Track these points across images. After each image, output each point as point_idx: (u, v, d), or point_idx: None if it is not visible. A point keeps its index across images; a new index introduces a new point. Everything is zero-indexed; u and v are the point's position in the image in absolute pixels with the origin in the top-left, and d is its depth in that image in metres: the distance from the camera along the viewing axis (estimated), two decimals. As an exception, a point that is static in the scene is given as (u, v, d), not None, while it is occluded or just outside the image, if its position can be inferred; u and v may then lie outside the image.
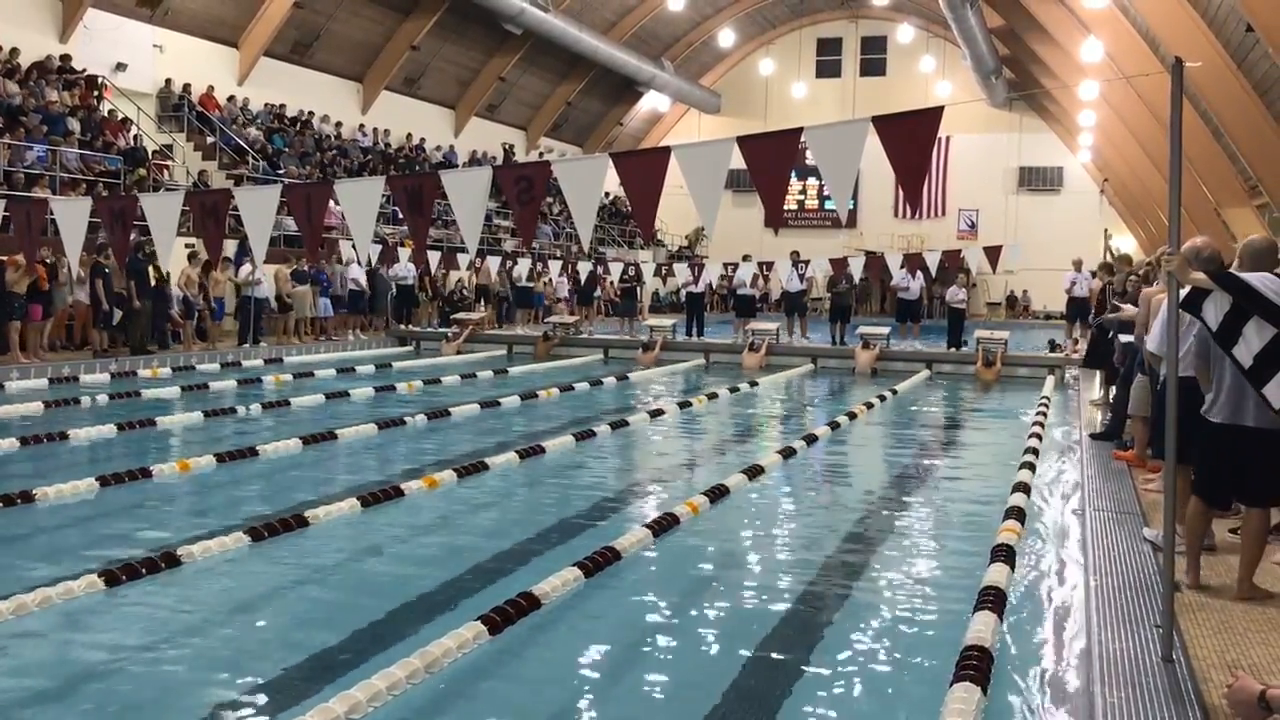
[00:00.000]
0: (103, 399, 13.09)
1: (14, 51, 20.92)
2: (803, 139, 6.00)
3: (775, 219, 37.27)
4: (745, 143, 6.13)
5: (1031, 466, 9.65)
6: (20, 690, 4.74)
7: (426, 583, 6.38)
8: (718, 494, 8.51)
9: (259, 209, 8.18)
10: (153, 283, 17.55)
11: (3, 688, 4.75)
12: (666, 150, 6.35)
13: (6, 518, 7.45)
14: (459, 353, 21.59)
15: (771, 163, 6.23)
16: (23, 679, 4.87)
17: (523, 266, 26.79)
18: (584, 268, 27.37)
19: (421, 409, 12.91)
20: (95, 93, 22.36)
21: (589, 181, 6.91)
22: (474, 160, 34.31)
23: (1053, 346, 21.27)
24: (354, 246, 19.68)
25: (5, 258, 15.06)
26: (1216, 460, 4.79)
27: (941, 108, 5.64)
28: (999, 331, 21.06)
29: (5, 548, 6.98)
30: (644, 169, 6.59)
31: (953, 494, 9.56)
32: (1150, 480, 8.15)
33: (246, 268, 19.29)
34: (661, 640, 5.64)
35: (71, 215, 8.97)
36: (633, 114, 44.67)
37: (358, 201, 7.78)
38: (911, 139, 5.77)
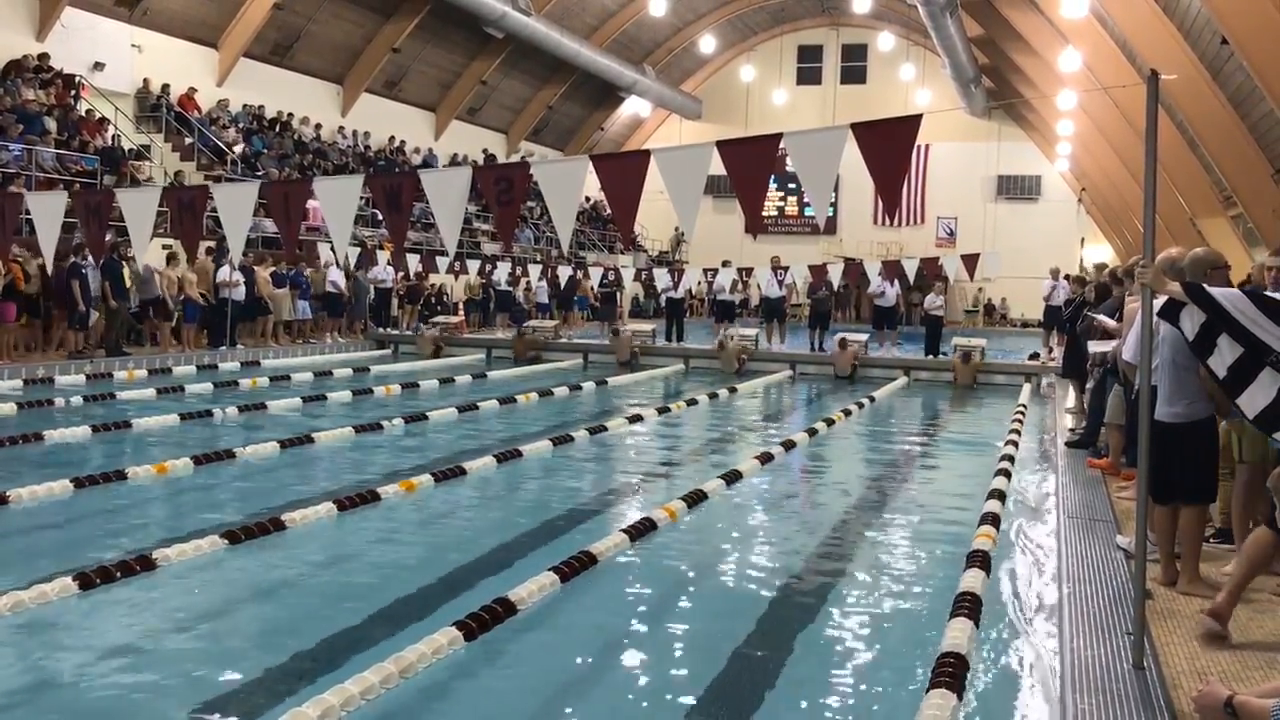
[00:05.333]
0: (78, 400, 12.99)
1: (-10, 49, 20.77)
2: (782, 145, 6.02)
3: (755, 225, 37.39)
4: (725, 147, 6.14)
5: (1007, 474, 9.70)
6: (-10, 694, 4.70)
7: (403, 587, 6.36)
8: (695, 499, 8.51)
9: (237, 207, 8.14)
10: (128, 284, 17.43)
11: (-28, 691, 4.71)
12: (646, 154, 6.36)
13: (-22, 519, 7.39)
14: (436, 354, 21.53)
15: (751, 168, 6.25)
16: (-7, 682, 4.82)
17: (502, 270, 26.74)
18: (564, 272, 27.37)
19: (399, 413, 12.87)
20: (72, 92, 22.19)
21: (569, 184, 6.91)
22: (454, 163, 34.23)
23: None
24: (332, 248, 19.61)
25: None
26: (1152, 456, 4.98)
27: (920, 115, 5.67)
28: (975, 339, 21.19)
29: (-24, 550, 6.92)
30: (624, 172, 6.61)
31: (929, 501, 9.60)
32: (1124, 488, 8.20)
33: (225, 269, 19.17)
34: (638, 646, 5.65)
35: (47, 212, 8.89)
36: (614, 119, 44.71)
37: (336, 201, 7.76)
38: (890, 146, 5.80)
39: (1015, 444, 11.51)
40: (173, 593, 6.12)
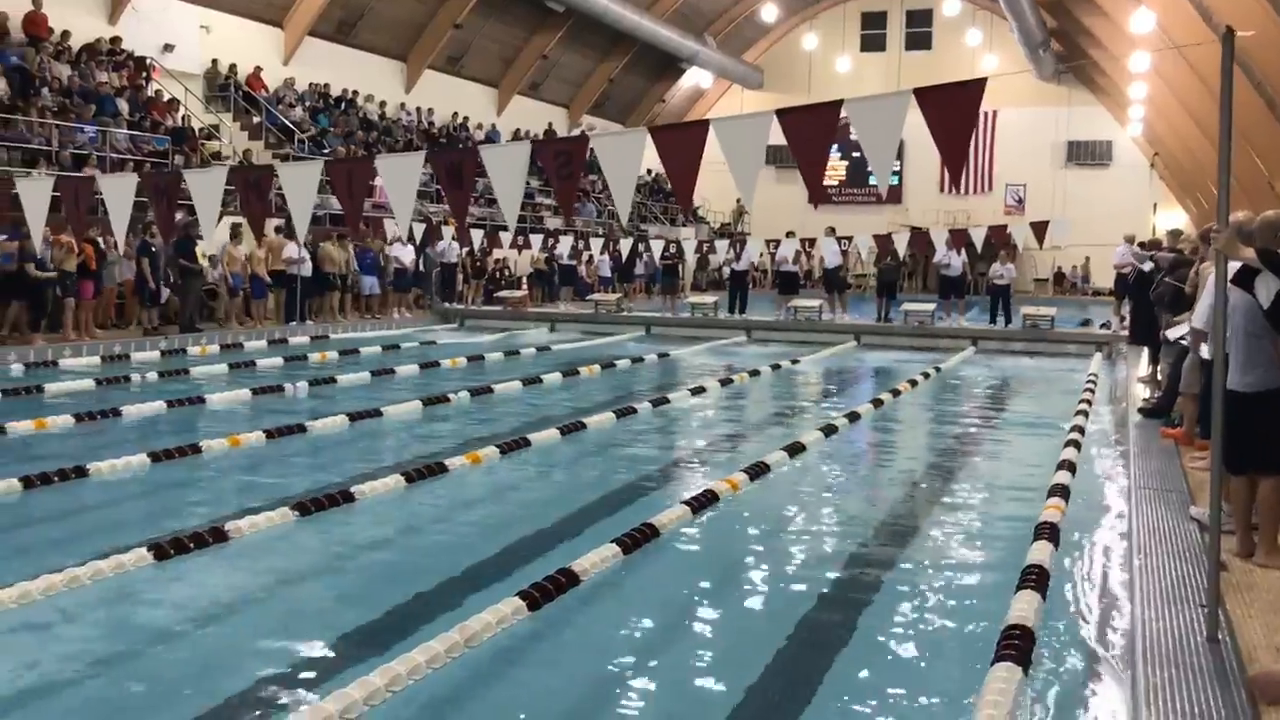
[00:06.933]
0: (153, 376, 13.29)
1: (65, 34, 21.20)
2: (843, 112, 5.94)
3: (816, 194, 36.92)
4: (785, 116, 6.07)
5: (1077, 444, 9.53)
6: (73, 660, 4.85)
7: (467, 558, 6.44)
8: (758, 471, 8.49)
9: (302, 185, 8.24)
10: (198, 262, 17.76)
11: (55, 658, 4.87)
12: (705, 124, 6.32)
13: (61, 492, 7.61)
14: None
15: (811, 137, 6.18)
16: (75, 650, 4.98)
17: (565, 244, 26.76)
18: (625, 245, 27.31)
19: (465, 386, 12.99)
20: (143, 74, 22.61)
21: (627, 156, 6.88)
22: (516, 139, 34.29)
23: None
24: (396, 225, 19.74)
25: (53, 236, 15.22)
26: (1226, 426, 4.87)
27: (984, 79, 5.56)
28: (1045, 308, 20.85)
29: (59, 521, 7.14)
30: (682, 143, 6.57)
31: (997, 471, 9.48)
32: (1198, 458, 8.03)
33: (292, 246, 19.43)
34: (700, 616, 5.66)
35: (118, 193, 9.08)
36: (675, 91, 44.44)
37: (399, 177, 7.84)
38: (954, 111, 5.69)
39: (1085, 414, 11.30)
40: (244, 563, 6.26)
